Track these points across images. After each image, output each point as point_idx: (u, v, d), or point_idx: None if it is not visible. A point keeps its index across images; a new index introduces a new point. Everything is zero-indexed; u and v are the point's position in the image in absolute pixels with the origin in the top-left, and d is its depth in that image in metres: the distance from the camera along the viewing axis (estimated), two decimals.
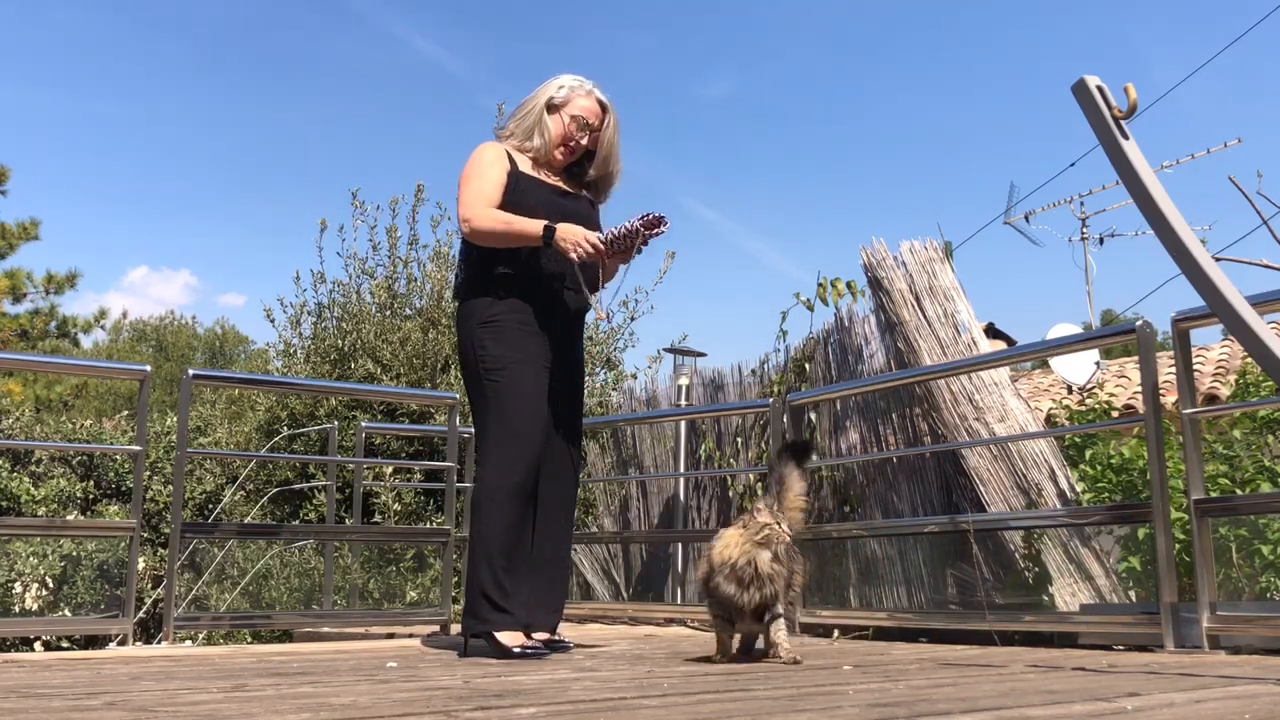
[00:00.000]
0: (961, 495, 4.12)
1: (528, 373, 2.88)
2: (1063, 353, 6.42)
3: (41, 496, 5.73)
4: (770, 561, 2.46)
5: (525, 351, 2.89)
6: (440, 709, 1.54)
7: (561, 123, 3.01)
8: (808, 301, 5.02)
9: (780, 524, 2.50)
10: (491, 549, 2.80)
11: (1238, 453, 3.71)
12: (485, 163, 2.98)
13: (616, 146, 3.07)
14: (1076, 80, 2.04)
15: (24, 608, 5.39)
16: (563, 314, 2.99)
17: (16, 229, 14.81)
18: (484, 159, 2.99)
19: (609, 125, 3.04)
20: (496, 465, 2.83)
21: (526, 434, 2.84)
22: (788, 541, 2.51)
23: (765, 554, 2.46)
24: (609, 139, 3.04)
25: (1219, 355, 10.36)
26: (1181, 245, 1.96)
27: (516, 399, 2.85)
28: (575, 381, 3.08)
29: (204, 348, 35.88)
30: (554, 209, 2.93)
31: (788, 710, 1.54)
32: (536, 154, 3.03)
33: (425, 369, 6.31)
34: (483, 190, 2.92)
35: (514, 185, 2.95)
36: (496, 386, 2.86)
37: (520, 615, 2.82)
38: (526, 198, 2.93)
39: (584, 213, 3.02)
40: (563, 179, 3.08)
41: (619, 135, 3.07)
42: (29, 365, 12.94)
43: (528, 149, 3.04)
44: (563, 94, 3.03)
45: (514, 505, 2.82)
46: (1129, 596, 3.73)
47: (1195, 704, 1.61)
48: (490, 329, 2.90)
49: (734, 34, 53.47)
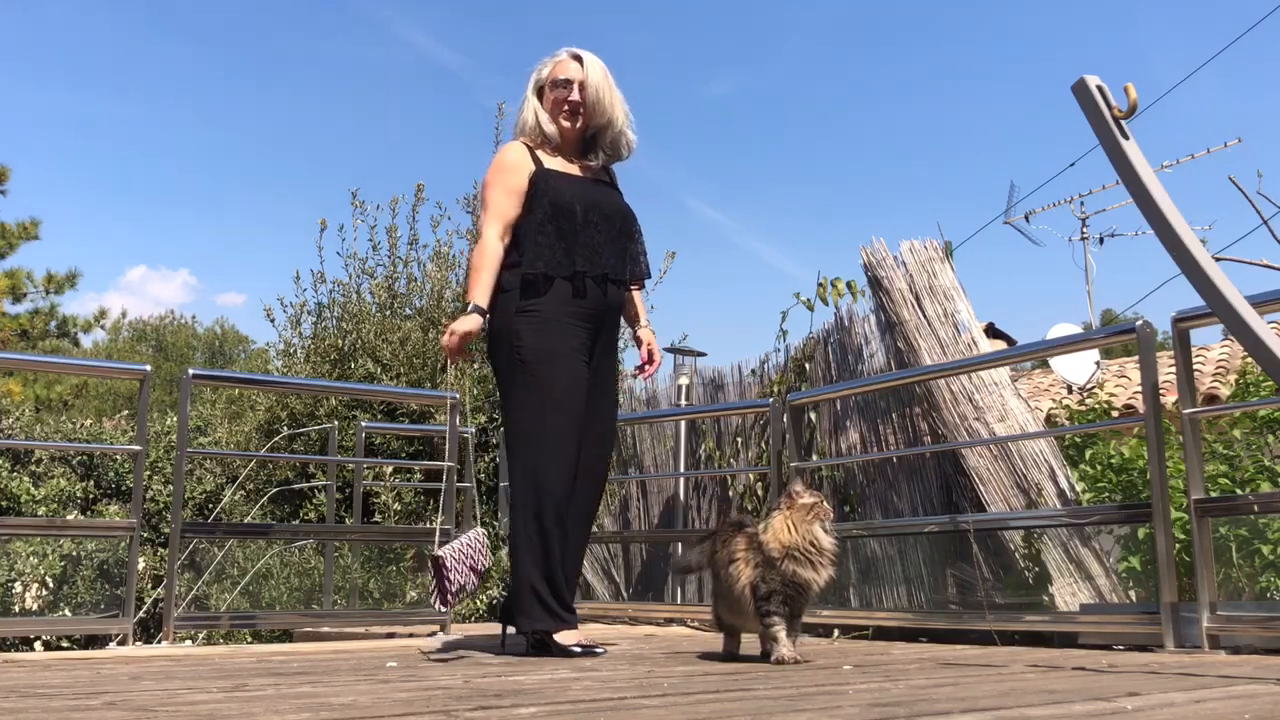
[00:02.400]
0: (961, 495, 4.12)
1: (563, 365, 2.86)
2: (1063, 353, 6.42)
3: (41, 496, 5.72)
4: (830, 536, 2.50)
5: (563, 344, 2.87)
6: (440, 709, 1.54)
7: (549, 96, 3.03)
8: (808, 301, 5.02)
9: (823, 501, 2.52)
10: (536, 546, 2.78)
11: (1238, 453, 3.71)
12: (506, 169, 2.99)
13: (604, 91, 3.01)
14: (1077, 80, 2.04)
15: (24, 608, 5.39)
16: (599, 309, 2.97)
17: (16, 229, 14.80)
18: (504, 164, 3.00)
19: (588, 70, 3.01)
20: (535, 462, 2.80)
21: (561, 427, 2.82)
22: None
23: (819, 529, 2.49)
24: (593, 84, 3.00)
25: (1219, 355, 10.35)
26: (1181, 245, 1.96)
27: (552, 392, 2.82)
28: (607, 382, 3.04)
29: (204, 347, 35.89)
30: (589, 202, 2.95)
31: (788, 710, 1.54)
32: (547, 141, 3.04)
33: (425, 369, 6.30)
34: (498, 207, 2.96)
35: (541, 184, 2.95)
36: (533, 380, 2.83)
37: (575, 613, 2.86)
38: (560, 194, 2.94)
39: (613, 202, 3.03)
40: (586, 166, 3.08)
41: (608, 81, 3.03)
42: (29, 365, 12.94)
43: (538, 141, 3.04)
44: (542, 74, 3.06)
45: (554, 501, 2.80)
46: (1129, 596, 3.73)
47: (1195, 704, 1.61)
48: (529, 319, 2.87)
49: (736, 34, 53.49)
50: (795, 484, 2.60)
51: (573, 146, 3.08)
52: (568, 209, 2.92)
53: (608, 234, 2.97)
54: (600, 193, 3.03)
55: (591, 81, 3.00)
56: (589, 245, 2.92)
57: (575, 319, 2.91)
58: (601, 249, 2.95)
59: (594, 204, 2.97)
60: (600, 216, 2.97)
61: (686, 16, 54.57)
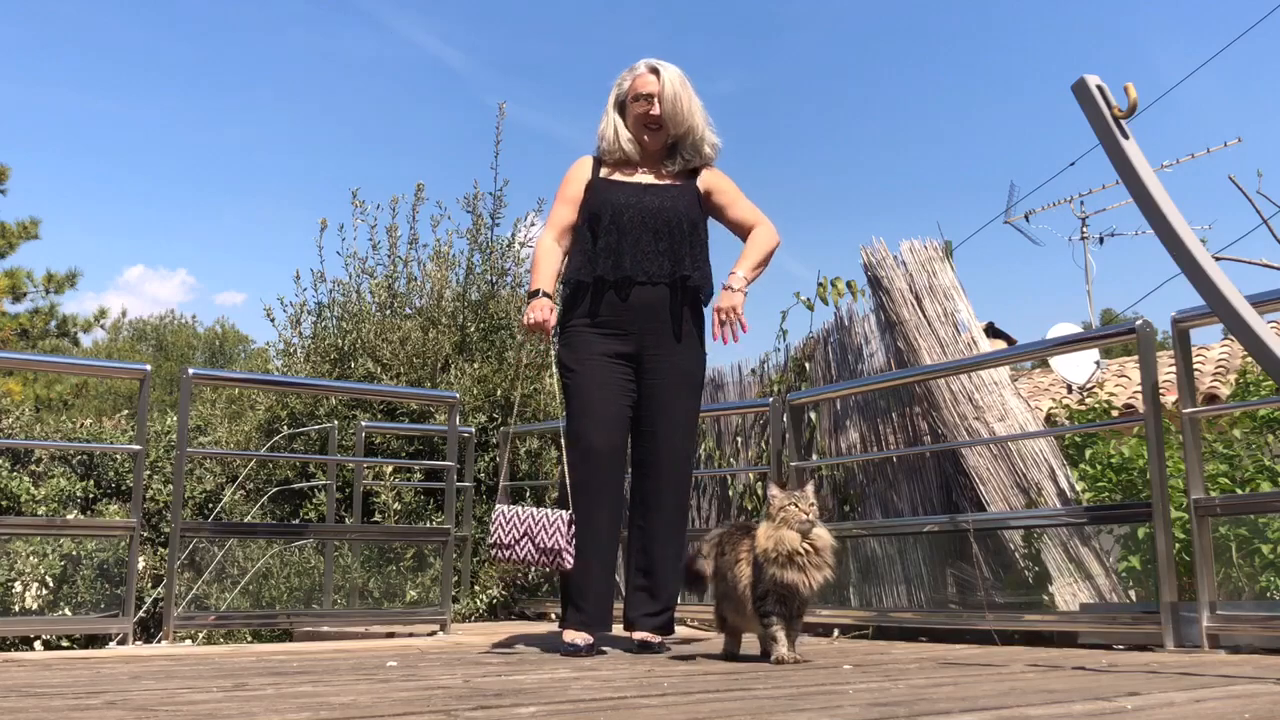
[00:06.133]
0: (961, 494, 4.12)
1: (590, 375, 2.97)
2: (1063, 352, 6.42)
3: (41, 496, 5.72)
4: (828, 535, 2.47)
5: (591, 353, 2.98)
6: (440, 708, 1.54)
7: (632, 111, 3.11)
8: (808, 301, 5.02)
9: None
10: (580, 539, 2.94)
11: (1238, 452, 3.71)
12: (565, 180, 3.17)
13: (683, 100, 3.09)
14: (1077, 80, 2.04)
15: (24, 607, 5.38)
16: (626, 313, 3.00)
17: (16, 228, 14.82)
18: (566, 176, 3.18)
19: (665, 83, 3.07)
20: (567, 465, 2.99)
21: (583, 434, 2.95)
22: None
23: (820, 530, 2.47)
24: (670, 96, 3.07)
25: (1219, 355, 10.35)
26: (1181, 245, 1.96)
27: (578, 401, 2.98)
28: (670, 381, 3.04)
29: (204, 347, 35.90)
30: (632, 206, 3.02)
31: (788, 709, 1.54)
32: (615, 155, 3.12)
33: (425, 368, 6.30)
34: (555, 214, 3.14)
35: (593, 192, 3.08)
36: (566, 392, 3.02)
37: (593, 612, 2.90)
38: (608, 200, 3.04)
39: (662, 205, 3.05)
40: (661, 171, 3.14)
41: (686, 89, 3.11)
42: (29, 365, 12.92)
43: (606, 154, 3.14)
44: (623, 88, 3.14)
45: (579, 503, 2.92)
46: (1129, 596, 3.72)
47: (1195, 703, 1.61)
48: (565, 336, 3.06)
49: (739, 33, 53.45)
50: (771, 487, 2.58)
51: (657, 157, 3.15)
52: (597, 215, 3.03)
53: (637, 237, 3.00)
54: (651, 197, 3.06)
55: (669, 95, 3.07)
56: (610, 250, 2.99)
57: (602, 326, 3.00)
58: (625, 253, 2.98)
59: (629, 208, 3.02)
60: (636, 220, 3.01)
61: (691, 15, 54.57)
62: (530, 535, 2.92)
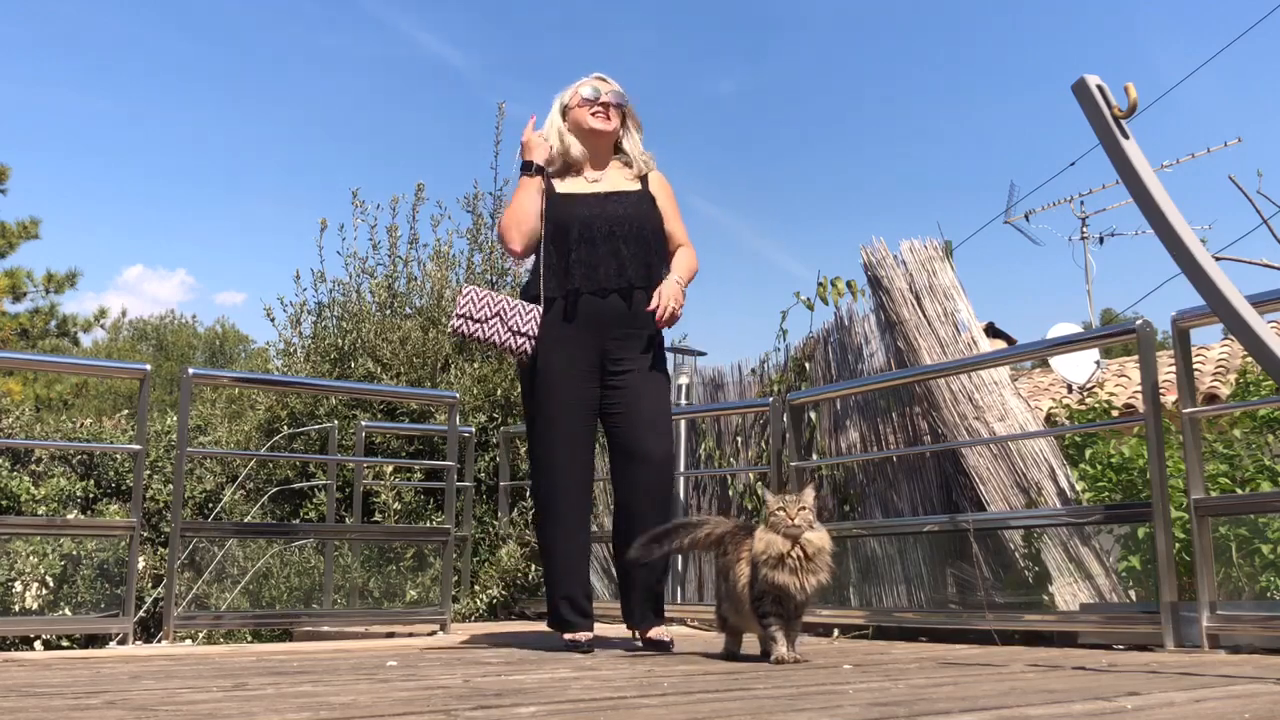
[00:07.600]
0: (961, 494, 4.12)
1: (554, 380, 2.96)
2: (1063, 352, 6.42)
3: (41, 495, 5.71)
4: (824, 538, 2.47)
5: (558, 365, 2.96)
6: (440, 708, 1.54)
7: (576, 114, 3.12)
8: (808, 300, 5.02)
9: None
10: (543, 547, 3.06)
11: (1238, 452, 3.71)
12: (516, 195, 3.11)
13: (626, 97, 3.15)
14: (1077, 79, 2.04)
15: (24, 607, 5.38)
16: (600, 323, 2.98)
17: (16, 228, 14.82)
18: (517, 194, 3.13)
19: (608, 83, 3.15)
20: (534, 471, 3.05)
21: (548, 437, 2.97)
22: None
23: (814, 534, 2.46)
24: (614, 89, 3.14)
25: (1219, 355, 10.35)
26: (1181, 245, 1.96)
27: (542, 407, 2.99)
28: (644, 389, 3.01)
29: (204, 347, 35.90)
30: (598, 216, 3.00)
31: (788, 709, 1.54)
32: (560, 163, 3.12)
33: (425, 368, 6.30)
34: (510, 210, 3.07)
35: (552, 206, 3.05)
36: (534, 404, 3.02)
37: (568, 611, 2.93)
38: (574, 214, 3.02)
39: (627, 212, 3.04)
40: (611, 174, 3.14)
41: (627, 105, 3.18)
42: (29, 364, 12.93)
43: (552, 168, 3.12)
44: (564, 99, 3.16)
45: (551, 505, 2.98)
46: (1129, 596, 3.72)
47: (1195, 703, 1.61)
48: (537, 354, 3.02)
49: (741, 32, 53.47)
50: (766, 493, 2.60)
51: (604, 157, 3.14)
52: (564, 228, 2.99)
53: (610, 246, 2.98)
54: (613, 205, 3.05)
55: (613, 88, 3.13)
56: (584, 261, 2.96)
57: (574, 338, 2.96)
58: (599, 263, 2.96)
59: (596, 218, 3.00)
60: (602, 230, 2.99)
61: (693, 14, 54.59)
62: (503, 317, 2.92)
